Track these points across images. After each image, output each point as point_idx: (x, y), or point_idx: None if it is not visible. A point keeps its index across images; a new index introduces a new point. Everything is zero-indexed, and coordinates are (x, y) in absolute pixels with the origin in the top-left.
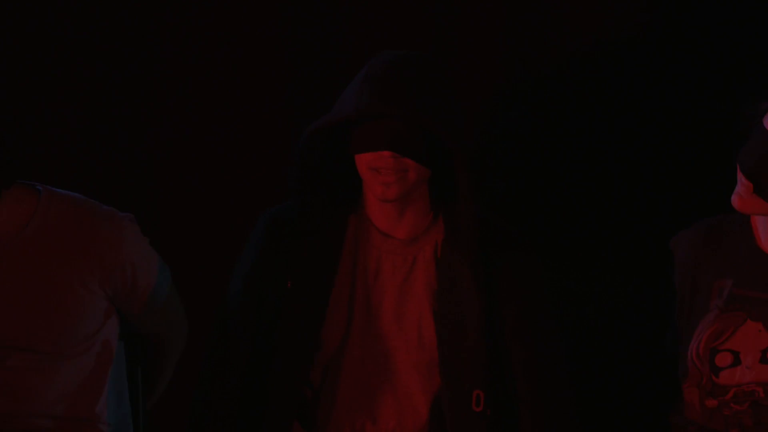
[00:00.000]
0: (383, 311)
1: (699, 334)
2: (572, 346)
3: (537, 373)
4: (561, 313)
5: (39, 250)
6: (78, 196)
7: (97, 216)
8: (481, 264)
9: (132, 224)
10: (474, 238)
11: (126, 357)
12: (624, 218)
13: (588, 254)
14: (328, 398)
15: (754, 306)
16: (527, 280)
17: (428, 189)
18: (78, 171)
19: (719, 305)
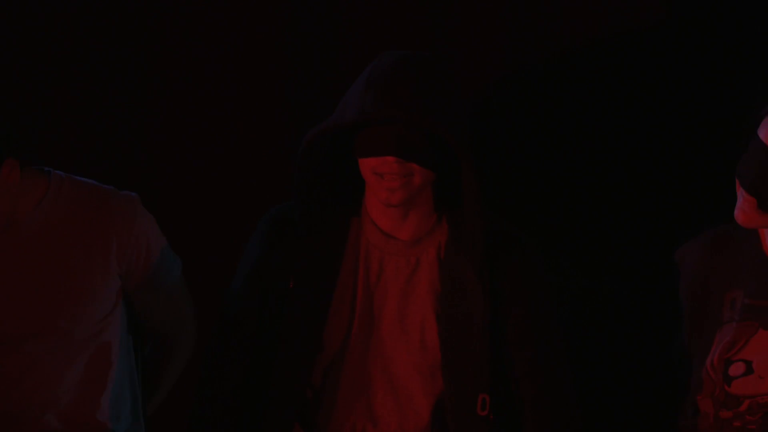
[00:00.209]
0: (385, 313)
1: (714, 346)
2: (576, 349)
3: (541, 377)
4: (565, 316)
5: (53, 229)
6: (84, 178)
7: (107, 193)
8: (486, 266)
9: (138, 201)
10: (480, 241)
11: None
12: (629, 220)
13: (592, 256)
14: (329, 399)
15: (767, 315)
16: (532, 283)
17: (432, 190)
18: (79, 171)
19: (733, 317)
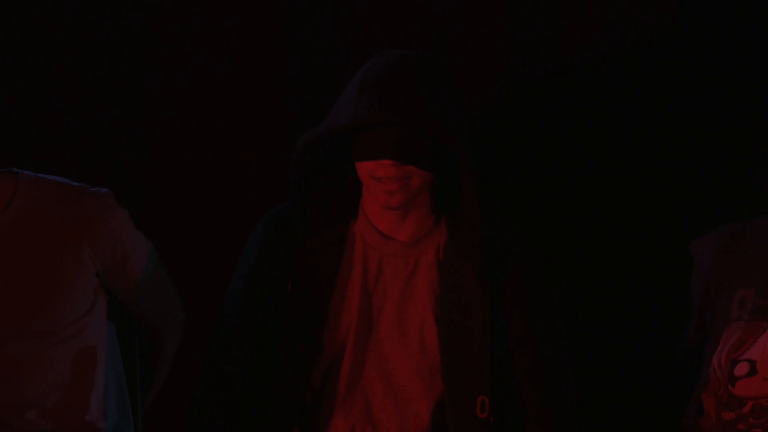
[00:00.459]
0: (385, 315)
1: (722, 345)
2: (579, 348)
3: (542, 379)
4: (568, 314)
5: (23, 230)
6: (55, 177)
7: (79, 190)
8: (486, 267)
9: (112, 197)
10: (478, 242)
11: (123, 353)
12: (635, 217)
13: (597, 253)
14: (329, 402)
15: None
16: (533, 284)
17: (431, 191)
18: (76, 172)
19: (742, 315)
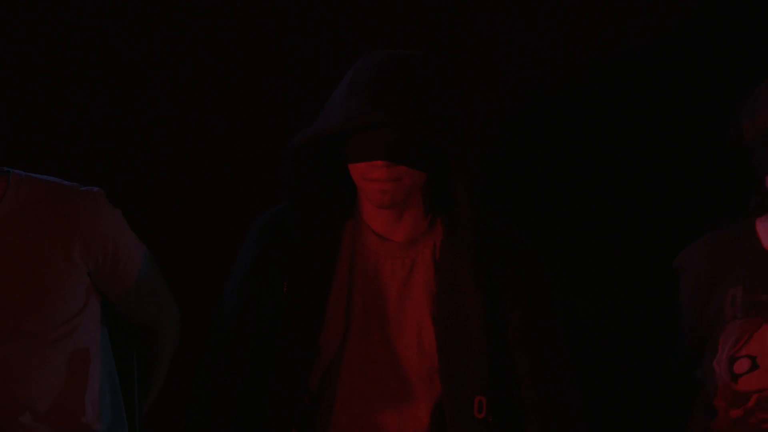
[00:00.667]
0: (381, 316)
1: (721, 346)
2: (579, 351)
3: (542, 379)
4: (568, 317)
5: (12, 229)
6: (46, 176)
7: (70, 189)
8: (483, 267)
9: (103, 196)
10: (474, 241)
11: (121, 355)
12: (630, 224)
13: (596, 258)
14: (327, 405)
15: None
16: (532, 284)
17: (426, 191)
18: (74, 171)
19: (735, 314)
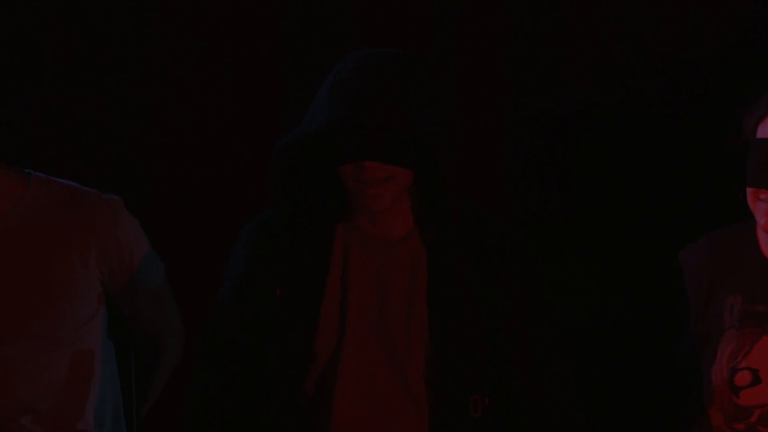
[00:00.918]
0: (377, 317)
1: (719, 356)
2: (580, 351)
3: (540, 378)
4: (569, 317)
5: (33, 230)
6: (66, 181)
7: (89, 195)
8: (476, 265)
9: (122, 204)
10: (464, 239)
11: (120, 363)
12: (634, 223)
13: (595, 262)
14: (325, 408)
15: None
16: (528, 283)
17: (416, 189)
18: (68, 172)
19: (733, 323)
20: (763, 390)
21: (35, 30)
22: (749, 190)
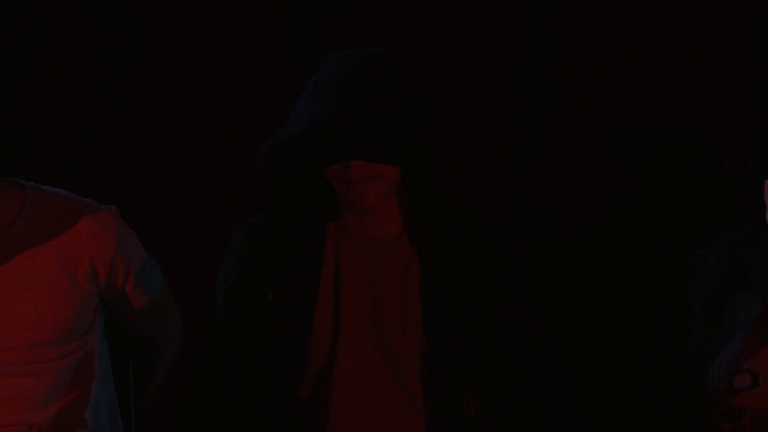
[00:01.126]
0: (371, 319)
1: (723, 354)
2: (582, 351)
3: (538, 377)
4: (570, 318)
5: (31, 244)
6: (62, 191)
7: (86, 207)
8: (465, 262)
9: (118, 215)
10: (458, 237)
11: (118, 363)
12: (641, 223)
13: (602, 260)
14: (321, 412)
15: None
16: (524, 281)
17: (406, 188)
18: (68, 175)
19: (747, 325)
20: (760, 395)
21: (35, 30)
22: (766, 183)
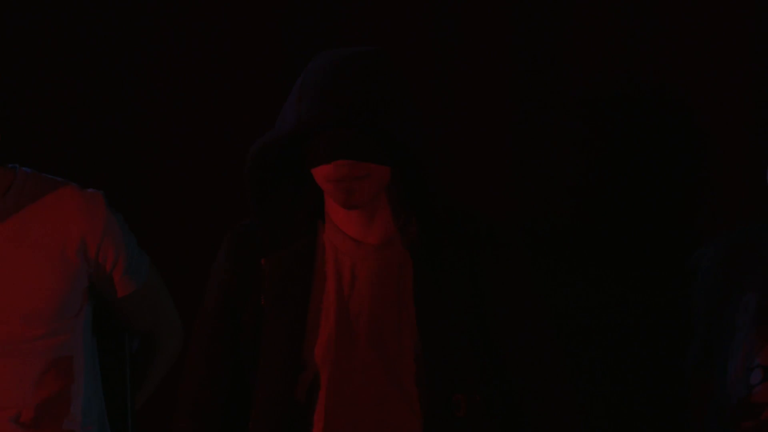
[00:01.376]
0: (364, 321)
1: (735, 354)
2: (578, 346)
3: (533, 372)
4: (572, 315)
5: (18, 221)
6: (51, 176)
7: (74, 188)
8: (458, 260)
9: (105, 198)
10: (442, 235)
11: (116, 354)
12: (641, 223)
13: (598, 259)
14: (318, 416)
15: None
16: (517, 275)
17: (396, 187)
18: (68, 171)
19: (748, 321)
20: None
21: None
22: None
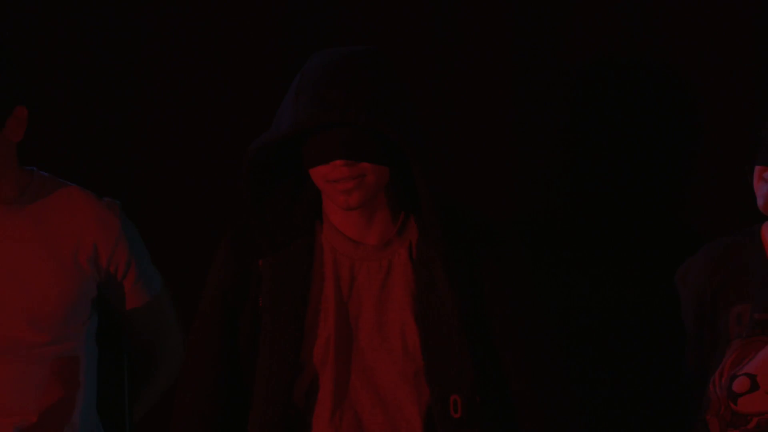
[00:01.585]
0: (363, 322)
1: (722, 363)
2: (579, 351)
3: (530, 375)
4: (570, 316)
5: (32, 222)
6: (67, 182)
7: (90, 196)
8: (456, 261)
9: (120, 208)
10: (440, 235)
11: (114, 368)
12: (637, 220)
13: (600, 258)
14: (318, 419)
15: None
16: (514, 275)
17: (394, 188)
18: (66, 175)
19: (741, 332)
20: (761, 397)
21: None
22: (757, 169)
